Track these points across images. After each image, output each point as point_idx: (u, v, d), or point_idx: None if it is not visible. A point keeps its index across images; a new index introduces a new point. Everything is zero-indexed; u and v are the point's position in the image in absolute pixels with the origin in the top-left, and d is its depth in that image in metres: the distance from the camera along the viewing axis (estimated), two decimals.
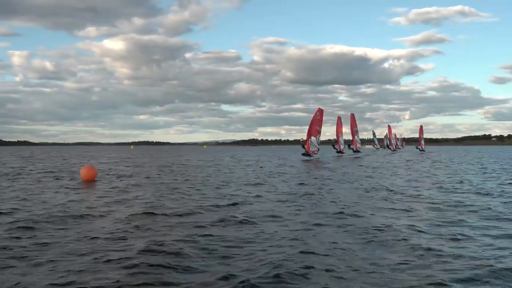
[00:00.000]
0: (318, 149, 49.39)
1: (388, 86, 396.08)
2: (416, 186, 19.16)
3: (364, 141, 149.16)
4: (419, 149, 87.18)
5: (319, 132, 48.69)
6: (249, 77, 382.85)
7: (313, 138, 47.60)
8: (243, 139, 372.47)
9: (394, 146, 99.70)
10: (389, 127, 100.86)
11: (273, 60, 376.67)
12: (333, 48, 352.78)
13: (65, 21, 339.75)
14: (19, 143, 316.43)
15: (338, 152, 59.10)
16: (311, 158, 48.19)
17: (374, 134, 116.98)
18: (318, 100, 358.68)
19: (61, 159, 52.34)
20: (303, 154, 48.62)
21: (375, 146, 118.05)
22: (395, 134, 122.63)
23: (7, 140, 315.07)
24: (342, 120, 60.62)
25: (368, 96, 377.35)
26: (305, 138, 48.35)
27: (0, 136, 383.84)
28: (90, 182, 20.57)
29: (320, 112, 49.20)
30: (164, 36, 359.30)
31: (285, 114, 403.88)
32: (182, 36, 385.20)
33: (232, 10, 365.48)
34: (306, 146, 47.74)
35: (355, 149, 63.07)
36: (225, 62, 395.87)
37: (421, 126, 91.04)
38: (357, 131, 63.43)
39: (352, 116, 63.97)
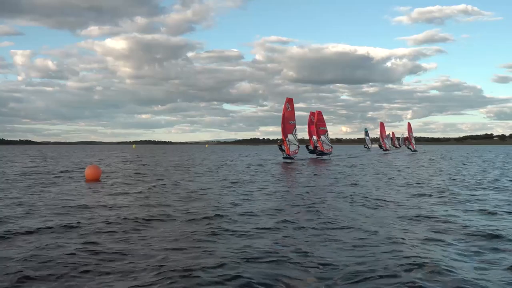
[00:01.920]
0: (298, 146, 42.98)
1: (390, 85, 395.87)
2: None
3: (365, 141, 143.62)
4: (411, 149, 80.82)
5: (295, 126, 41.76)
6: (251, 76, 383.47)
7: (290, 136, 40.58)
8: (244, 138, 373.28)
9: (386, 146, 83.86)
10: (382, 124, 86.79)
11: (275, 59, 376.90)
12: (335, 47, 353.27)
13: (68, 20, 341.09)
14: (21, 142, 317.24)
15: (320, 154, 48.55)
16: (293, 160, 41.05)
17: (366, 132, 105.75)
18: (320, 99, 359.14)
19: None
20: (285, 158, 41.22)
21: (366, 146, 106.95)
22: (392, 133, 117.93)
23: (9, 139, 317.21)
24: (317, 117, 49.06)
25: (371, 95, 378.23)
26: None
27: (2, 135, 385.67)
28: (95, 181, 20.88)
29: (290, 102, 41.63)
30: (166, 35, 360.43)
31: None
32: (184, 35, 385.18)
33: (235, 9, 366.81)
34: (285, 148, 40.41)
35: (318, 151, 49.08)
36: (227, 61, 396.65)
37: (409, 124, 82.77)
38: (325, 131, 49.28)
39: (319, 113, 49.94)
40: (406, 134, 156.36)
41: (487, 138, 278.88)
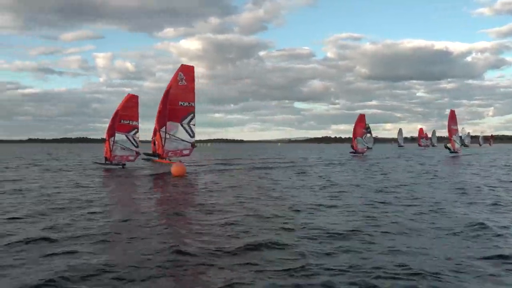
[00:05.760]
0: (193, 145, 25.99)
1: (470, 81, 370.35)
2: None
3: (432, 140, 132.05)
4: (449, 149, 53.82)
5: (191, 111, 25.09)
6: (322, 74, 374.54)
7: (173, 125, 24.86)
8: (316, 136, 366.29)
9: (358, 147, 57.91)
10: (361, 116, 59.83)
11: (347, 56, 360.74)
12: (411, 43, 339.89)
13: (145, 23, 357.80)
14: (103, 140, 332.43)
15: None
16: (166, 163, 25.55)
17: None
18: (394, 96, 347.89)
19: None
20: (148, 158, 28.30)
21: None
22: (420, 129, 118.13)
23: (92, 137, 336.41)
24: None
25: (449, 91, 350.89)
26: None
27: (86, 134, 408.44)
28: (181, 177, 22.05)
29: (186, 71, 25.14)
30: (239, 34, 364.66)
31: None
32: (256, 35, 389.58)
33: (306, 7, 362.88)
34: (157, 143, 25.67)
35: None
36: (299, 59, 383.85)
37: (452, 112, 53.16)
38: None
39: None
40: (485, 133, 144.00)
41: None
